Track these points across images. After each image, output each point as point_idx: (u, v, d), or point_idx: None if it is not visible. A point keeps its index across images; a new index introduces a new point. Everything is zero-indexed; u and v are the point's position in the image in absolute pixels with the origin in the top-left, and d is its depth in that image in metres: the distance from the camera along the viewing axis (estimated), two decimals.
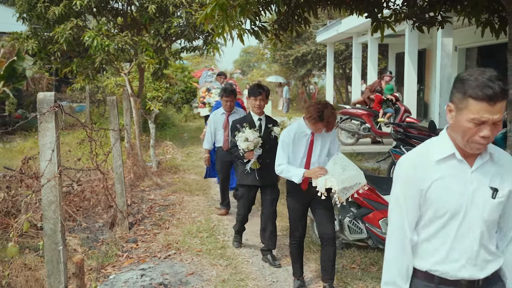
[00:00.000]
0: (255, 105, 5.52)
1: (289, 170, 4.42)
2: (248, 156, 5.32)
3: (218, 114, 7.17)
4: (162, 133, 15.54)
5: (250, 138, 5.21)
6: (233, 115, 6.96)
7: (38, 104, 3.48)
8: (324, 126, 4.36)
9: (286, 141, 4.51)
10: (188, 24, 11.36)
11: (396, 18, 7.25)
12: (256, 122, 5.47)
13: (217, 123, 7.11)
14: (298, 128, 4.56)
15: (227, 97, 7.00)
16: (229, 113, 7.05)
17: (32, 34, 11.24)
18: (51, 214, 3.51)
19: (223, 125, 7.03)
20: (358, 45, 19.73)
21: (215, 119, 7.15)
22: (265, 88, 5.66)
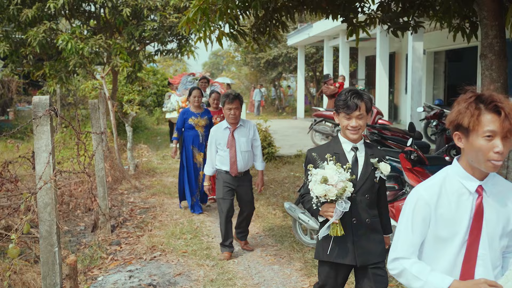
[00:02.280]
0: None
1: (419, 276, 2.19)
2: (325, 212, 3.08)
3: (220, 128, 5.67)
4: (136, 136, 15.50)
5: (332, 180, 2.99)
6: (240, 129, 5.66)
7: (33, 108, 3.51)
8: None
9: (420, 208, 2.26)
10: (162, 27, 11.39)
11: (371, 22, 7.46)
12: (347, 154, 3.23)
13: (219, 140, 5.64)
14: (449, 181, 2.25)
15: (230, 103, 5.50)
16: (234, 126, 5.64)
17: (4, 37, 11.10)
18: (47, 216, 3.55)
19: (228, 143, 5.58)
20: (329, 48, 20.02)
21: (216, 135, 5.66)
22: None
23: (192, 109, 7.61)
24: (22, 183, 7.31)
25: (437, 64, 16.68)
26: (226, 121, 5.66)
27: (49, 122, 3.50)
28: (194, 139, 7.55)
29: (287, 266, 5.32)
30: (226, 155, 5.57)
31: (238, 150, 5.57)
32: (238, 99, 5.59)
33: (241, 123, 5.69)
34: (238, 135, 5.62)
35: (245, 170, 5.65)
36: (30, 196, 3.58)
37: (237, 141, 5.59)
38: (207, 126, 7.48)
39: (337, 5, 7.11)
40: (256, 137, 5.76)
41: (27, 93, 21.33)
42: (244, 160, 5.60)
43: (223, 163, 5.60)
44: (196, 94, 7.57)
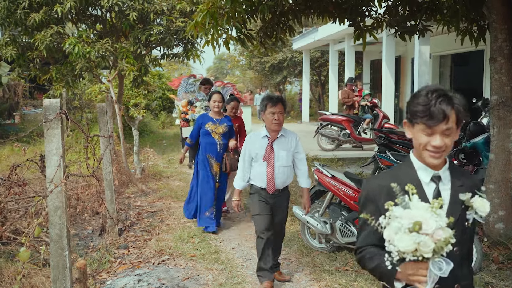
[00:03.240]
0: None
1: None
2: (411, 276, 2.00)
3: (257, 137, 4.83)
4: (141, 140, 15.51)
5: (427, 227, 1.91)
6: (280, 140, 4.78)
7: (44, 111, 3.52)
8: None
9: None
10: (168, 31, 11.42)
11: (378, 26, 7.46)
12: (425, 186, 2.18)
13: (255, 150, 4.79)
14: None
15: (273, 107, 4.65)
16: (275, 135, 4.77)
17: (11, 41, 11.14)
18: (57, 219, 3.55)
19: (265, 156, 4.75)
20: (334, 52, 20.01)
21: (252, 144, 4.83)
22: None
23: (211, 115, 6.95)
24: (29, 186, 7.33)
25: (443, 68, 16.66)
26: (265, 129, 4.78)
27: (59, 125, 3.51)
28: (210, 147, 6.83)
29: (296, 271, 5.30)
30: (262, 170, 4.76)
31: (277, 165, 4.72)
32: (282, 103, 4.73)
33: (282, 132, 4.79)
34: (278, 147, 4.75)
35: (283, 187, 4.84)
36: (42, 199, 3.58)
37: (276, 154, 4.73)
38: (226, 134, 6.88)
39: (344, 9, 7.10)
40: (299, 150, 4.88)
41: (33, 97, 21.41)
42: (283, 176, 4.78)
43: (259, 178, 4.79)
44: (216, 98, 6.86)
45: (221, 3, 5.85)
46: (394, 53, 14.70)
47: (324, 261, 5.47)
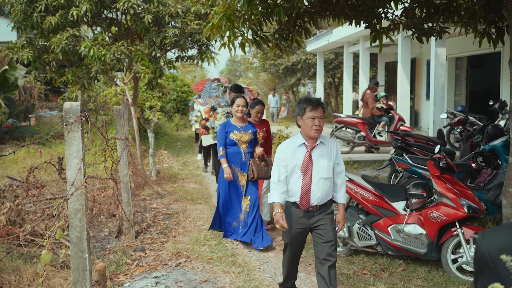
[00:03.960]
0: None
1: None
2: None
3: (293, 144, 4.22)
4: (156, 142, 15.57)
5: None
6: (320, 148, 4.20)
7: (64, 114, 3.52)
8: None
9: None
10: (183, 34, 11.45)
11: (395, 28, 7.41)
12: None
13: (290, 159, 4.18)
14: None
15: (313, 110, 4.12)
16: (314, 143, 4.19)
17: (27, 44, 11.24)
18: (77, 222, 3.56)
19: (303, 165, 4.15)
20: (349, 54, 19.93)
21: (287, 152, 4.21)
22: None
23: (234, 122, 6.52)
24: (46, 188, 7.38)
25: (459, 70, 16.53)
26: (300, 135, 4.22)
27: (80, 128, 3.51)
28: (234, 157, 6.44)
29: (313, 274, 5.26)
30: (297, 181, 4.16)
31: (316, 176, 4.13)
32: (322, 106, 4.18)
33: (321, 139, 4.21)
34: (318, 156, 4.16)
35: (321, 203, 4.18)
36: (63, 202, 3.59)
37: (316, 164, 4.13)
38: (251, 142, 6.51)
39: (360, 11, 7.06)
40: (340, 161, 4.30)
41: (48, 99, 21.60)
42: (321, 190, 4.14)
43: (293, 192, 4.17)
44: (240, 102, 6.45)
45: (237, 6, 5.85)
46: (409, 55, 14.61)
47: (341, 264, 5.44)
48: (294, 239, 4.23)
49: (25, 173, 6.80)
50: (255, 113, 7.00)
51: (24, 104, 19.16)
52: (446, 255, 5.18)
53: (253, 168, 6.39)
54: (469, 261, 5.07)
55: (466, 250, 5.07)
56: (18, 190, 6.62)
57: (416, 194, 5.48)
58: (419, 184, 5.60)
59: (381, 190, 5.53)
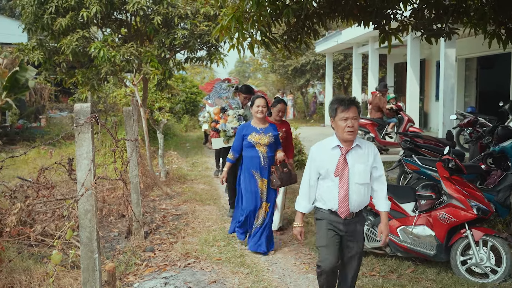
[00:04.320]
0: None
1: None
2: None
3: (326, 147, 3.99)
4: (165, 143, 15.62)
5: None
6: (356, 151, 3.94)
7: (75, 115, 3.56)
8: None
9: None
10: (192, 35, 11.48)
11: (404, 29, 7.39)
12: None
13: (323, 164, 3.95)
14: None
15: (346, 111, 3.85)
16: (349, 146, 3.93)
17: (38, 45, 11.32)
18: (87, 222, 3.59)
19: (337, 170, 3.89)
20: (358, 55, 19.92)
21: (319, 158, 4.00)
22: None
23: (254, 123, 6.18)
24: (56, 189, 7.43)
25: (469, 71, 16.46)
26: (335, 137, 3.94)
27: (90, 129, 3.54)
28: (253, 162, 6.07)
29: None
30: (333, 188, 3.88)
31: (352, 182, 3.86)
32: (356, 105, 3.87)
33: (358, 142, 3.92)
34: (353, 160, 3.88)
35: (357, 211, 3.95)
36: (73, 202, 3.62)
37: (351, 169, 3.86)
38: (272, 145, 6.10)
39: (369, 12, 7.05)
40: (378, 165, 3.98)
41: (58, 100, 21.75)
42: (359, 197, 3.89)
43: (328, 198, 3.91)
44: (260, 103, 6.13)
45: (246, 8, 5.87)
46: (419, 56, 14.57)
47: None
48: (330, 240, 3.89)
49: (36, 173, 6.85)
50: (276, 112, 6.77)
51: (34, 105, 19.31)
52: (455, 256, 5.17)
53: (275, 175, 6.06)
54: (478, 263, 5.06)
55: (475, 252, 5.06)
56: (29, 190, 6.67)
57: (425, 196, 5.47)
58: (428, 185, 5.59)
59: (390, 192, 5.50)
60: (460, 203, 5.12)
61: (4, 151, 15.15)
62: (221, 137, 8.09)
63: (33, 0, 10.53)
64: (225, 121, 8.11)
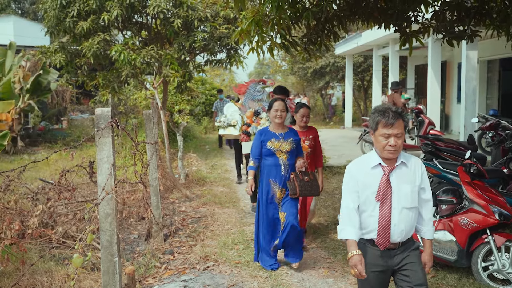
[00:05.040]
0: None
1: None
2: None
3: (366, 166, 3.39)
4: (185, 145, 15.70)
5: None
6: (401, 170, 3.36)
7: (96, 120, 3.59)
8: None
9: None
10: (212, 37, 11.52)
11: (425, 31, 7.33)
12: None
13: (364, 185, 3.36)
14: None
15: (390, 126, 3.24)
16: (393, 164, 3.35)
17: (60, 48, 11.47)
18: (108, 226, 3.62)
19: (379, 193, 3.31)
20: (378, 57, 19.81)
21: (359, 176, 3.38)
22: None
23: (273, 129, 5.72)
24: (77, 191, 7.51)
25: (491, 73, 16.26)
26: (375, 154, 3.36)
27: (111, 134, 3.57)
28: (273, 170, 5.60)
29: (341, 280, 5.25)
30: (372, 212, 3.32)
31: (397, 206, 3.28)
32: (402, 118, 3.28)
33: (403, 158, 3.35)
34: (398, 180, 3.31)
35: (404, 239, 3.35)
36: (94, 206, 3.65)
37: (396, 191, 3.29)
38: (293, 152, 5.64)
39: (389, 15, 7.01)
40: (426, 185, 3.42)
41: (80, 103, 22.00)
42: (405, 223, 3.30)
43: (368, 226, 3.35)
44: (278, 107, 5.64)
45: (266, 11, 5.87)
46: (440, 58, 14.44)
47: None
48: (374, 284, 3.36)
49: (57, 175, 6.94)
50: (300, 118, 6.34)
51: (56, 107, 19.56)
52: (477, 262, 5.10)
53: (295, 184, 5.50)
54: (500, 269, 4.98)
55: (497, 257, 4.99)
56: (50, 192, 6.75)
57: (446, 200, 5.42)
58: (449, 190, 5.53)
59: None
60: (482, 208, 5.05)
61: (27, 152, 15.37)
62: (251, 141, 7.41)
63: (55, 4, 10.68)
64: (257, 125, 7.65)
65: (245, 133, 7.74)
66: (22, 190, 7.21)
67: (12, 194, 6.61)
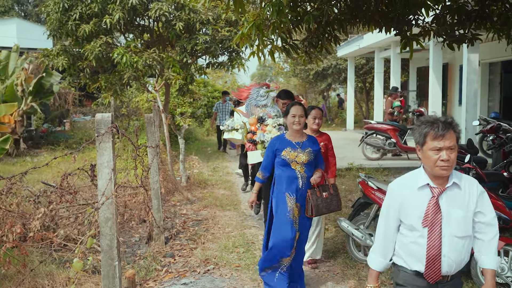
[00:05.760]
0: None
1: None
2: None
3: (412, 186, 2.97)
4: (187, 148, 15.73)
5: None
6: (452, 191, 2.93)
7: (96, 125, 3.62)
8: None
9: None
10: (213, 40, 11.56)
11: (425, 35, 7.35)
12: None
13: (408, 208, 2.96)
14: None
15: (441, 138, 2.82)
16: (443, 185, 2.92)
17: (62, 51, 11.52)
18: (108, 230, 3.65)
19: (426, 218, 2.90)
20: (380, 59, 19.83)
21: (402, 198, 2.99)
22: None
23: (289, 136, 5.02)
24: (79, 194, 7.55)
25: (493, 76, 16.26)
26: (423, 172, 2.92)
27: (111, 139, 3.60)
28: (288, 183, 4.88)
29: (341, 283, 5.27)
30: (420, 242, 2.89)
31: (447, 234, 2.86)
32: (453, 130, 2.83)
33: (455, 178, 2.90)
34: (449, 204, 2.87)
35: (454, 273, 2.95)
36: (94, 211, 3.68)
37: (446, 216, 2.86)
38: (311, 163, 4.95)
39: (390, 18, 7.03)
40: (485, 209, 2.97)
41: (82, 105, 22.08)
42: (455, 254, 2.89)
43: (413, 256, 2.94)
44: (296, 112, 4.93)
45: (267, 15, 5.90)
46: (441, 60, 14.45)
47: (366, 273, 5.39)
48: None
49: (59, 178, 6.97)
50: (312, 120, 5.70)
51: (59, 110, 19.63)
52: (476, 266, 5.11)
53: (311, 202, 4.87)
54: (499, 273, 5.00)
55: None
56: (52, 195, 6.79)
57: None
58: None
59: None
60: None
61: (29, 154, 15.42)
62: (258, 150, 6.82)
63: (58, 7, 10.73)
64: (263, 132, 6.87)
65: (251, 142, 6.96)
66: (24, 193, 7.23)
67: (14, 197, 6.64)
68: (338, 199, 5.10)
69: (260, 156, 6.60)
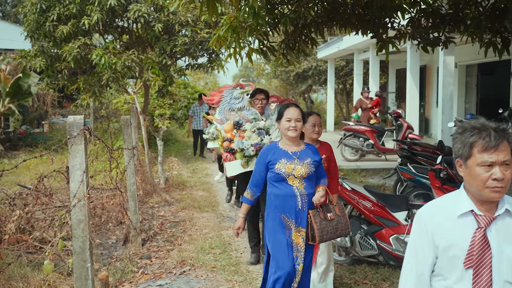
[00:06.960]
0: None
1: None
2: None
3: (453, 213, 2.20)
4: (166, 149, 15.70)
5: None
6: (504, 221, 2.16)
7: (68, 127, 3.63)
8: None
9: None
10: (193, 42, 11.58)
11: (401, 37, 7.45)
12: None
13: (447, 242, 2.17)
14: None
15: (491, 150, 2.09)
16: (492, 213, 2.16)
17: (40, 52, 11.44)
18: (80, 232, 3.65)
19: (472, 257, 2.13)
20: (359, 61, 19.99)
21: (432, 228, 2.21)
22: None
23: (283, 145, 4.10)
24: (56, 195, 7.51)
25: (469, 78, 16.49)
26: (465, 196, 2.20)
27: (83, 141, 3.61)
28: (285, 202, 3.99)
29: None
30: (459, 285, 2.16)
31: (497, 276, 2.12)
32: (507, 139, 2.11)
33: (507, 205, 2.16)
34: (500, 238, 2.14)
35: None
36: (65, 214, 3.69)
37: (497, 255, 2.12)
38: (311, 177, 4.05)
39: (366, 21, 7.12)
40: None
41: (61, 106, 21.90)
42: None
43: None
44: (293, 115, 4.01)
45: (244, 17, 5.94)
46: (418, 62, 14.62)
47: (343, 273, 5.48)
48: None
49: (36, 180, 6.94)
50: (311, 127, 4.65)
51: (37, 111, 19.45)
52: None
53: (314, 226, 3.96)
54: None
55: None
56: (28, 197, 6.76)
57: (417, 205, 5.52)
58: (421, 194, 5.65)
59: (383, 200, 5.57)
60: None
61: (7, 156, 15.26)
62: (238, 160, 5.98)
63: (35, 8, 10.68)
64: (241, 138, 6.04)
65: (228, 151, 6.05)
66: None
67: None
68: (346, 221, 4.22)
69: (240, 166, 5.93)
